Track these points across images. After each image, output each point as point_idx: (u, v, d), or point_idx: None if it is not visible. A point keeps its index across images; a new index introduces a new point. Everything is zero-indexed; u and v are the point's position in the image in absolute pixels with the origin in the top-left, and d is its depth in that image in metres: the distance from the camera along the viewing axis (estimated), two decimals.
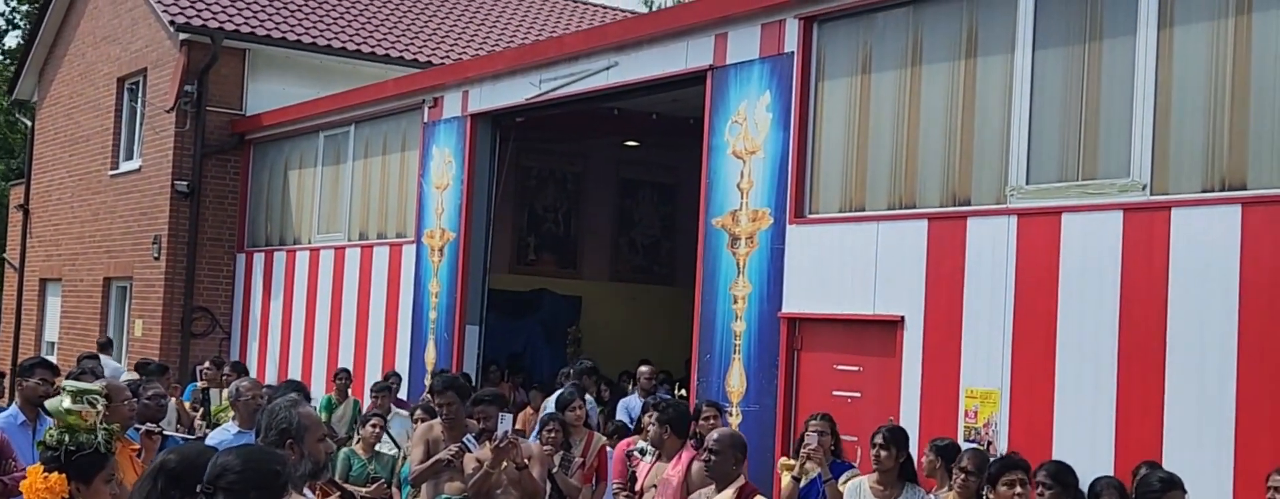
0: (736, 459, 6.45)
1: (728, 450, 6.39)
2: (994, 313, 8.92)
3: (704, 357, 11.17)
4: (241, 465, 3.44)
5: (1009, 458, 6.04)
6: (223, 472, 3.43)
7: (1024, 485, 5.88)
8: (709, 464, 6.38)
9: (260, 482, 3.42)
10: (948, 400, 9.14)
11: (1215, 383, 7.70)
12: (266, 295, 17.98)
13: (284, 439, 4.53)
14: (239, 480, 3.40)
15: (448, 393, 8.14)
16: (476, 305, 14.46)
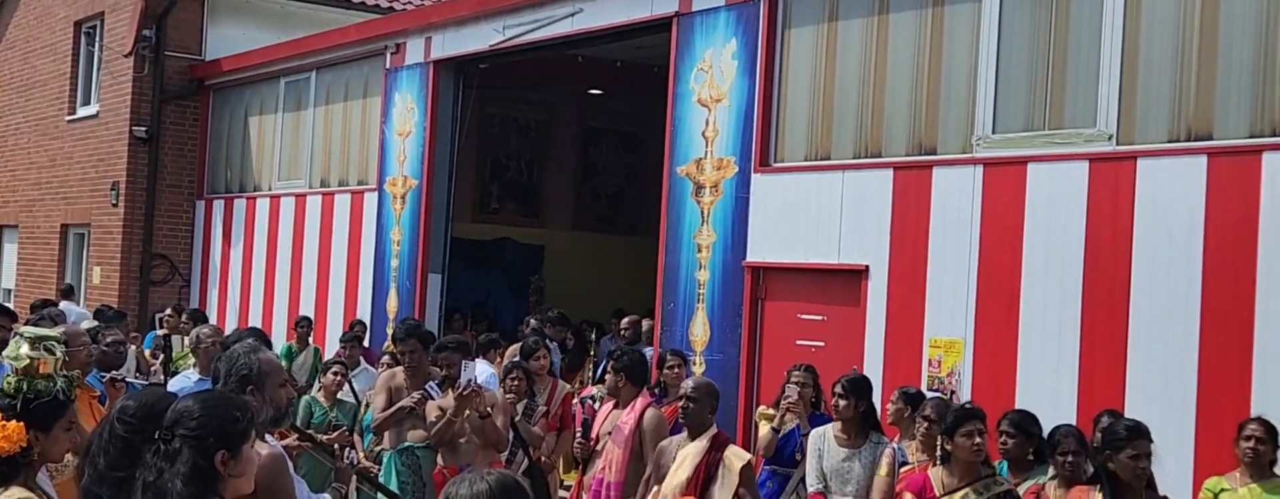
0: (712, 407, 6.44)
1: (705, 398, 6.40)
2: (959, 263, 8.93)
3: (667, 306, 11.14)
4: (201, 411, 3.36)
5: (965, 408, 6.05)
6: (182, 417, 3.35)
7: (982, 436, 5.89)
8: (686, 412, 6.37)
9: (220, 428, 3.35)
10: (911, 350, 9.15)
11: (1179, 332, 7.73)
12: (226, 243, 17.81)
13: (244, 385, 4.46)
14: (199, 426, 3.32)
15: (410, 340, 8.10)
16: (439, 254, 14.37)
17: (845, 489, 7.00)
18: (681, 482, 6.21)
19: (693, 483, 6.20)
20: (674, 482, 6.24)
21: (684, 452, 6.34)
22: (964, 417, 5.88)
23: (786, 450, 7.77)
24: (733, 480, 6.21)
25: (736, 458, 6.29)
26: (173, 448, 3.30)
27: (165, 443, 3.32)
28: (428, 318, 13.75)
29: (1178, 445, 7.33)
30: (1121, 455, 5.49)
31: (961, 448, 5.81)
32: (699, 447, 6.30)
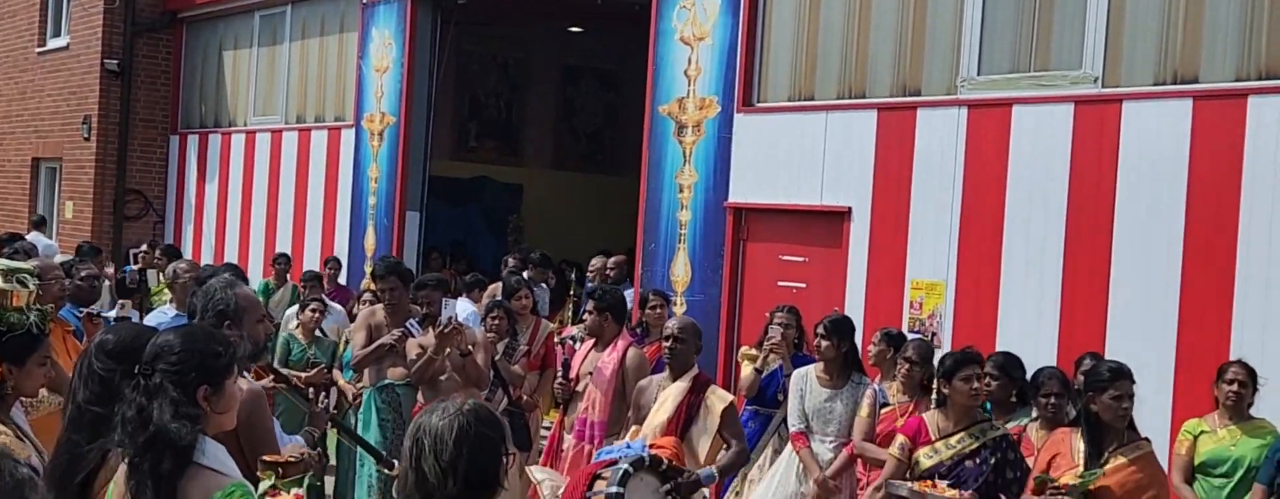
0: (697, 348, 6.40)
1: (691, 339, 6.36)
2: (941, 205, 8.89)
3: (648, 246, 11.09)
4: (182, 345, 3.28)
5: (965, 352, 5.96)
6: (162, 352, 3.28)
7: (980, 379, 5.86)
8: (673, 352, 6.31)
9: (201, 363, 3.28)
10: (893, 292, 9.13)
11: (1161, 276, 7.72)
12: (201, 179, 17.64)
13: (222, 320, 4.38)
14: (179, 361, 3.25)
15: (390, 278, 8.03)
16: (417, 191, 14.26)
17: (827, 430, 6.99)
18: (662, 422, 6.18)
19: (673, 423, 6.17)
20: (654, 422, 6.21)
21: (665, 392, 6.31)
22: (963, 360, 5.83)
23: (769, 391, 7.76)
24: (714, 421, 6.19)
25: (718, 399, 6.26)
26: (154, 383, 3.24)
27: (145, 378, 3.25)
28: (406, 256, 13.66)
29: (1157, 388, 7.34)
30: (1104, 397, 5.49)
31: (960, 392, 5.77)
32: (680, 387, 6.26)
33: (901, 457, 5.80)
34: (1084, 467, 5.47)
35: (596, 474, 5.66)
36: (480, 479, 3.04)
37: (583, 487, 5.62)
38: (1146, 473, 5.53)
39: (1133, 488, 5.47)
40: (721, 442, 6.19)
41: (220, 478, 3.22)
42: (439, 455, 3.01)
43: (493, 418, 3.12)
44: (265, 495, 3.40)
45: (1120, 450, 5.54)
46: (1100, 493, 5.42)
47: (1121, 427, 5.57)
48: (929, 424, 5.85)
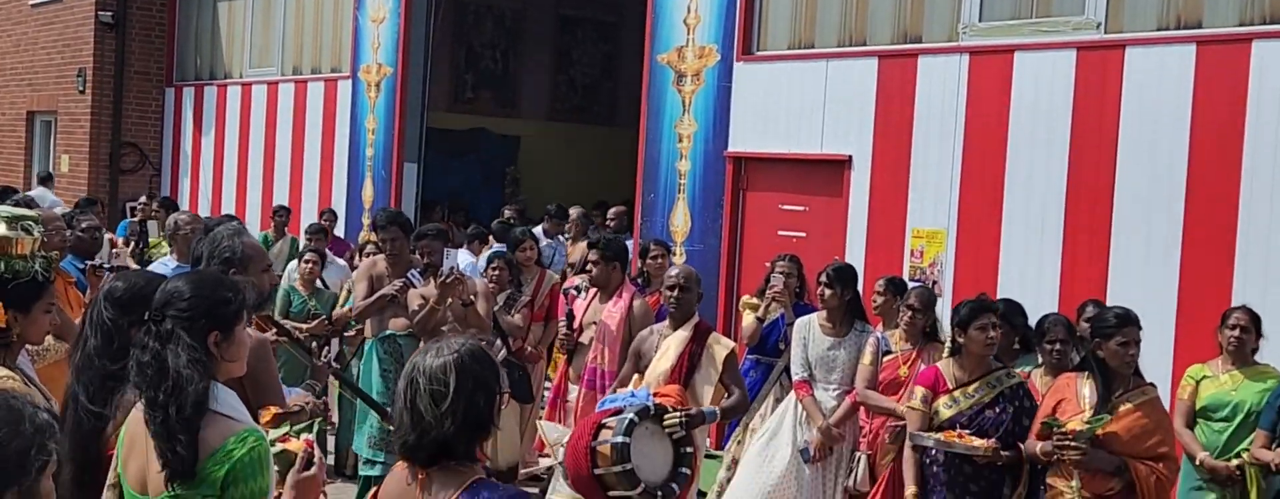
0: (698, 296, 6.39)
1: (694, 287, 6.34)
2: (943, 153, 8.86)
3: (648, 196, 11.06)
4: (192, 292, 3.27)
5: (980, 301, 5.91)
6: (172, 299, 3.26)
7: (996, 328, 5.84)
8: (680, 301, 6.28)
9: (211, 309, 3.27)
10: (894, 240, 9.13)
11: (1163, 222, 7.72)
12: (197, 131, 17.57)
13: (227, 268, 4.38)
14: (189, 308, 3.24)
15: (391, 228, 7.99)
16: (415, 143, 14.22)
17: (830, 378, 6.99)
18: (665, 370, 6.17)
19: (676, 371, 6.16)
20: (657, 370, 6.20)
21: (667, 341, 6.29)
22: (979, 309, 5.79)
23: (770, 340, 7.76)
24: (716, 369, 6.18)
25: (719, 346, 6.24)
26: (165, 329, 3.23)
27: (156, 324, 3.24)
28: (404, 207, 13.66)
29: (1159, 334, 7.35)
30: (1111, 343, 5.49)
31: (975, 341, 5.75)
32: (682, 336, 6.24)
33: (923, 408, 5.77)
34: (1090, 412, 5.47)
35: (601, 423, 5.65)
36: (475, 418, 3.04)
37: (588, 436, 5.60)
38: (1152, 418, 5.54)
39: (1139, 433, 5.47)
40: (723, 389, 6.19)
41: (234, 423, 3.22)
42: (433, 394, 3.02)
43: (487, 358, 3.12)
44: (277, 441, 3.39)
45: (1126, 396, 5.54)
46: (1107, 438, 5.43)
47: (1128, 373, 5.58)
48: (945, 373, 5.84)
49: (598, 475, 5.52)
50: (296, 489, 3.32)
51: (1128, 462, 5.43)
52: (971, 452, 5.55)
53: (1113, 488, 5.46)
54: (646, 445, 5.60)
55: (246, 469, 3.15)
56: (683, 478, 5.68)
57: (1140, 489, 5.40)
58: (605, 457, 5.47)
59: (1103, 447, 5.44)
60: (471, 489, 3.02)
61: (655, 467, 5.62)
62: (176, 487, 3.15)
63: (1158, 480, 5.44)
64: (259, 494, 3.18)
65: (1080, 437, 5.37)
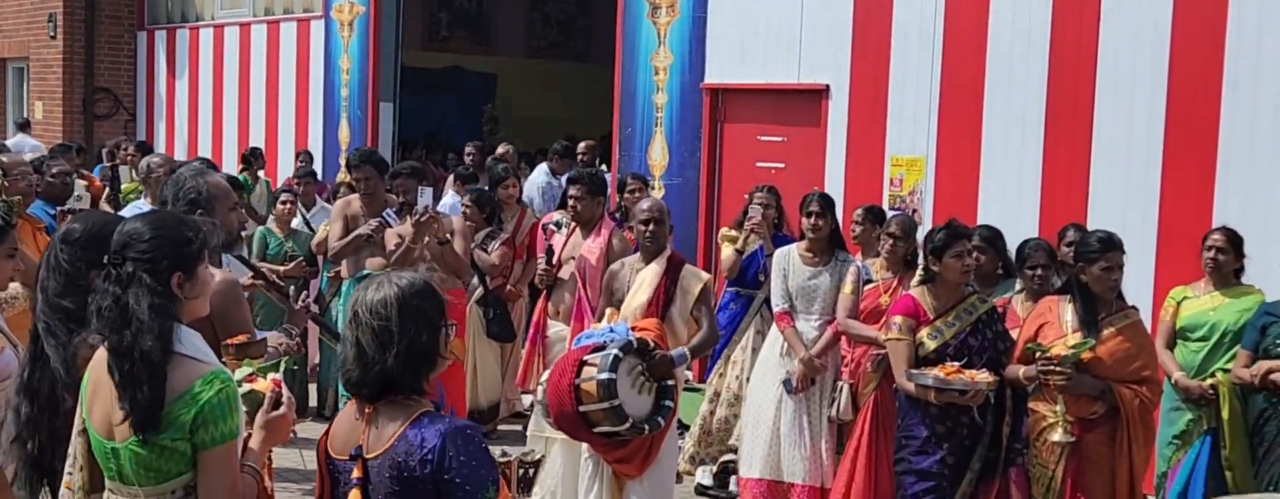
0: (671, 227, 6.34)
1: (666, 220, 6.28)
2: (920, 80, 8.78)
3: (625, 130, 10.97)
4: (152, 233, 3.19)
5: (954, 228, 5.76)
6: (131, 240, 3.19)
7: (971, 255, 5.77)
8: (654, 235, 6.22)
9: (173, 250, 3.19)
10: (873, 169, 9.07)
11: (1142, 146, 7.67)
12: (171, 75, 17.37)
13: (194, 209, 4.30)
14: (149, 249, 3.16)
15: (365, 167, 7.92)
16: (389, 82, 14.07)
17: (811, 308, 6.95)
18: (642, 304, 6.12)
19: (653, 305, 6.11)
20: (634, 304, 6.15)
21: (641, 275, 6.23)
22: (954, 236, 5.67)
23: (749, 272, 7.72)
24: (690, 301, 6.13)
25: (694, 278, 6.18)
26: (125, 272, 3.16)
27: (117, 267, 3.17)
28: (381, 147, 13.54)
29: (1140, 257, 7.32)
30: (1094, 268, 5.46)
31: (951, 268, 5.65)
32: (656, 269, 6.18)
33: (907, 337, 5.63)
34: (1073, 336, 5.45)
35: (583, 360, 5.61)
36: (419, 352, 3.03)
37: (571, 374, 5.58)
38: (1135, 342, 5.52)
39: (1122, 357, 5.46)
40: (695, 322, 6.13)
41: (200, 365, 3.16)
42: (375, 329, 3.01)
43: (429, 291, 3.10)
44: (243, 382, 3.34)
45: (1109, 320, 5.51)
46: (1090, 363, 5.40)
47: (1111, 297, 5.55)
48: (922, 303, 5.71)
49: (582, 413, 5.49)
50: (266, 429, 3.28)
51: (1112, 385, 5.42)
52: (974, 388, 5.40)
53: (1096, 411, 5.47)
54: (628, 381, 5.58)
55: (215, 411, 3.10)
56: (666, 411, 5.67)
57: (1124, 412, 5.41)
58: (590, 394, 5.45)
59: (1087, 371, 5.42)
60: (417, 422, 3.00)
61: (638, 402, 5.60)
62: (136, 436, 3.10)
63: (1141, 403, 5.44)
64: (229, 436, 3.13)
65: (1065, 361, 5.34)
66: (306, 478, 7.72)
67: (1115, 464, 5.47)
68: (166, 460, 3.12)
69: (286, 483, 7.21)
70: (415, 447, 2.95)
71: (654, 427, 5.62)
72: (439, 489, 2.94)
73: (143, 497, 3.15)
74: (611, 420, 5.45)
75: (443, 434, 2.96)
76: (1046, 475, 5.53)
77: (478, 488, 2.94)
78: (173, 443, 3.10)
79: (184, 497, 3.15)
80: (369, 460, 3.00)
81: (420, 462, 2.94)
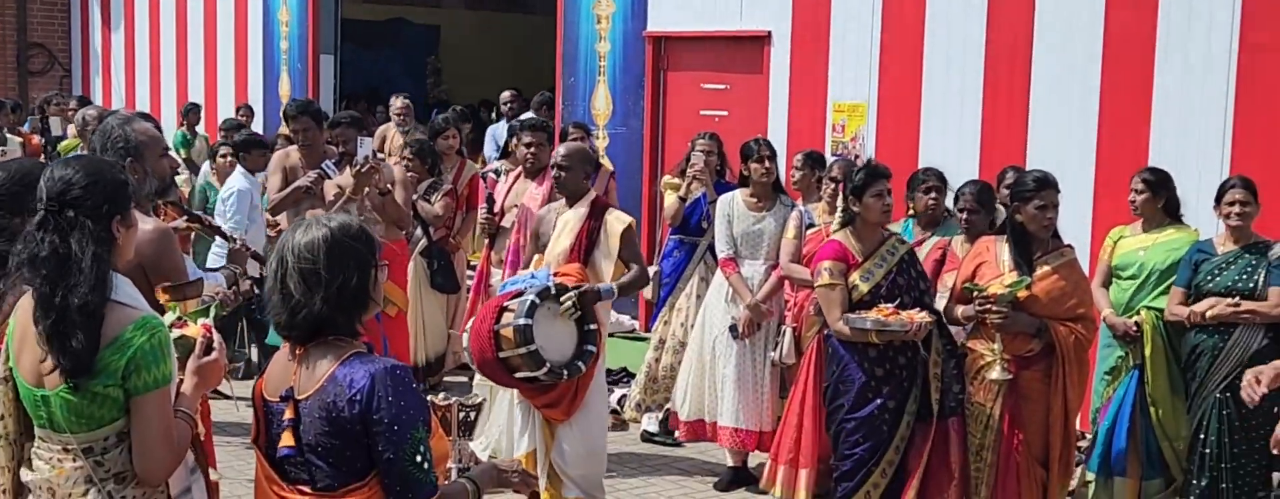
0: (586, 173, 6.27)
1: (577, 165, 6.19)
2: (861, 25, 8.78)
3: (568, 80, 10.91)
4: (87, 178, 3.12)
5: (873, 167, 5.75)
6: (66, 186, 3.10)
7: (890, 194, 5.78)
8: (560, 180, 6.17)
9: (112, 193, 3.14)
10: (815, 116, 9.08)
11: (1080, 88, 7.72)
12: (106, 29, 17.08)
13: (123, 158, 4.23)
14: (87, 194, 3.10)
15: (302, 118, 7.82)
16: (330, 34, 13.92)
17: (756, 253, 6.96)
18: (564, 249, 6.09)
19: (576, 250, 6.09)
20: (556, 249, 6.12)
21: (563, 219, 6.20)
22: (873, 176, 5.67)
23: (693, 219, 7.71)
24: (614, 244, 6.10)
25: (617, 221, 6.14)
26: (66, 218, 3.10)
27: (55, 215, 3.10)
28: (323, 100, 13.39)
29: (1078, 199, 7.39)
30: (1029, 206, 5.50)
31: (871, 209, 5.64)
32: (578, 213, 6.14)
33: (839, 281, 5.61)
34: (1010, 275, 5.49)
35: (503, 306, 5.60)
36: (350, 295, 2.99)
37: (491, 320, 5.57)
38: (1070, 280, 5.58)
39: (1057, 295, 5.53)
40: (624, 266, 6.11)
41: (131, 311, 3.13)
42: (303, 273, 2.97)
43: (360, 232, 3.06)
44: (174, 327, 3.31)
45: (1045, 258, 5.57)
46: (1027, 301, 5.47)
47: (1046, 236, 5.59)
48: (849, 247, 5.69)
49: (503, 358, 5.49)
50: (198, 374, 3.26)
51: (1047, 323, 5.48)
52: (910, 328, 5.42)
53: (1032, 349, 5.53)
54: (549, 326, 5.57)
55: (147, 357, 3.07)
56: (588, 354, 5.66)
57: (1059, 349, 5.48)
58: (508, 340, 5.45)
59: (1023, 309, 5.48)
60: (347, 362, 2.98)
61: (560, 346, 5.60)
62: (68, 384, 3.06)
63: (1076, 340, 5.51)
64: (162, 381, 3.11)
65: (1001, 300, 5.40)
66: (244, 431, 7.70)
67: (1051, 400, 5.54)
68: (98, 407, 3.09)
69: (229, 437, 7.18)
70: (344, 387, 2.93)
71: (574, 371, 5.61)
72: (368, 429, 2.93)
73: (74, 444, 3.13)
74: (530, 365, 5.45)
75: (372, 375, 2.93)
76: (984, 413, 5.60)
77: (406, 428, 2.92)
78: (104, 389, 3.07)
79: (116, 443, 3.13)
80: (300, 401, 2.98)
81: (349, 402, 2.92)
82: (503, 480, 3.26)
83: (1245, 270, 5.87)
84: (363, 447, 2.95)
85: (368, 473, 2.97)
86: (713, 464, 7.33)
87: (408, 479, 2.93)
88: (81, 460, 3.12)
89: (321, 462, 2.98)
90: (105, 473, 3.13)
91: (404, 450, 2.92)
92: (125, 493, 3.14)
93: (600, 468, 6.14)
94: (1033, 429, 5.58)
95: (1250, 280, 5.85)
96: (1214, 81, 7.23)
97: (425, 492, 2.96)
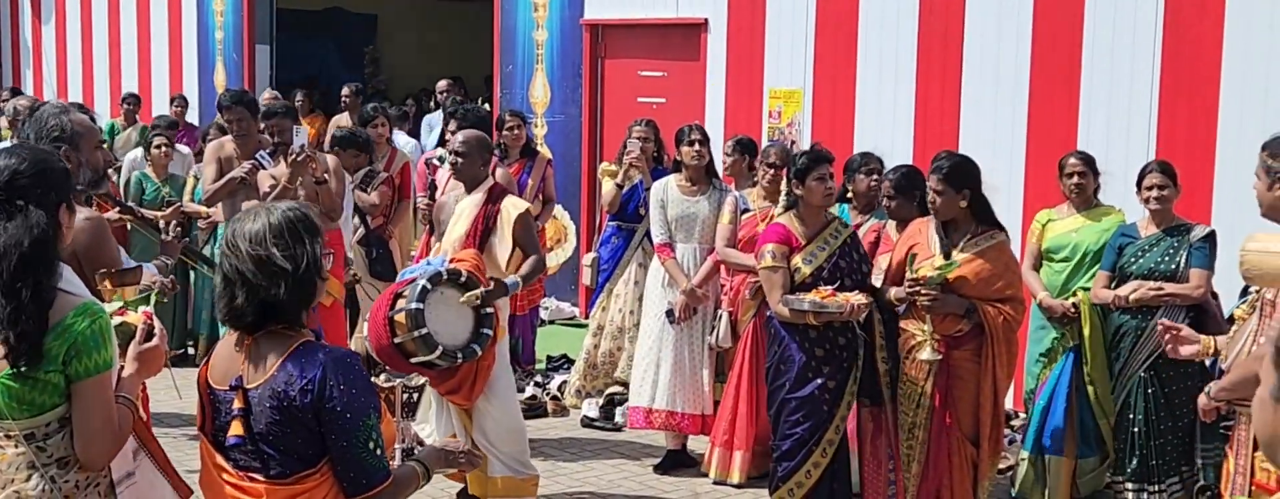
0: (484, 159, 6.29)
1: (475, 152, 6.20)
2: (796, 12, 8.87)
3: (506, 68, 10.94)
4: (31, 166, 3.13)
5: (816, 151, 5.82)
6: (12, 176, 3.12)
7: (832, 178, 5.86)
8: (456, 167, 6.19)
9: (57, 181, 3.16)
10: (752, 102, 9.16)
11: (1011, 73, 7.85)
12: (36, 20, 16.87)
13: (58, 147, 4.22)
14: (33, 182, 3.10)
15: (237, 108, 7.79)
16: (265, 24, 13.84)
17: (691, 238, 7.03)
18: (460, 235, 6.11)
19: (471, 236, 6.12)
20: (453, 236, 6.14)
21: (461, 205, 6.23)
22: (815, 160, 5.75)
23: (630, 206, 7.77)
24: (509, 230, 6.14)
25: (513, 207, 6.16)
26: (15, 206, 3.10)
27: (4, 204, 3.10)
28: (258, 90, 13.31)
29: (1009, 182, 7.52)
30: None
31: (814, 192, 5.73)
32: (475, 200, 6.17)
33: (781, 264, 5.70)
34: (938, 258, 5.59)
35: (398, 293, 5.63)
36: (302, 280, 2.99)
37: (386, 307, 5.60)
38: (999, 263, 5.65)
39: (986, 277, 5.61)
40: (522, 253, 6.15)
41: (72, 298, 3.15)
42: (255, 258, 2.96)
43: (308, 218, 3.07)
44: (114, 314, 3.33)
45: (973, 240, 5.66)
46: (956, 282, 5.56)
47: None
48: (793, 230, 5.78)
49: (397, 344, 5.53)
50: (139, 360, 3.29)
51: (976, 304, 5.58)
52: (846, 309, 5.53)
53: (962, 329, 5.63)
54: (442, 310, 5.59)
55: (88, 342, 3.09)
56: (484, 338, 5.69)
57: (988, 329, 5.58)
58: (401, 325, 5.48)
59: (953, 291, 5.58)
60: (296, 353, 2.99)
61: (454, 330, 5.63)
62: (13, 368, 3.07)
63: (1005, 320, 5.61)
64: (103, 366, 3.13)
65: (930, 283, 5.50)
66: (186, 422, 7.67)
67: (980, 379, 5.65)
68: (40, 393, 3.11)
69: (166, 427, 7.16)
70: (295, 377, 2.95)
71: (469, 355, 5.63)
72: (320, 418, 2.95)
73: (16, 431, 3.14)
74: (423, 350, 5.48)
75: (322, 364, 2.95)
76: (916, 391, 5.71)
77: (359, 416, 2.95)
78: (46, 375, 3.09)
79: (58, 429, 3.15)
80: (249, 390, 3.00)
81: (300, 391, 2.94)
82: (450, 460, 3.30)
83: (1167, 253, 6.01)
84: (315, 435, 2.97)
85: (319, 460, 3.00)
86: (653, 448, 7.40)
87: (361, 466, 2.97)
88: (23, 446, 3.14)
89: (272, 450, 3.00)
90: (47, 458, 3.15)
91: (357, 438, 2.95)
92: (68, 478, 3.16)
93: (524, 444, 6.18)
94: (964, 407, 5.69)
95: (1172, 262, 5.99)
96: (1141, 65, 7.38)
97: (379, 478, 2.99)
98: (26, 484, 3.15)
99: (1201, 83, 7.21)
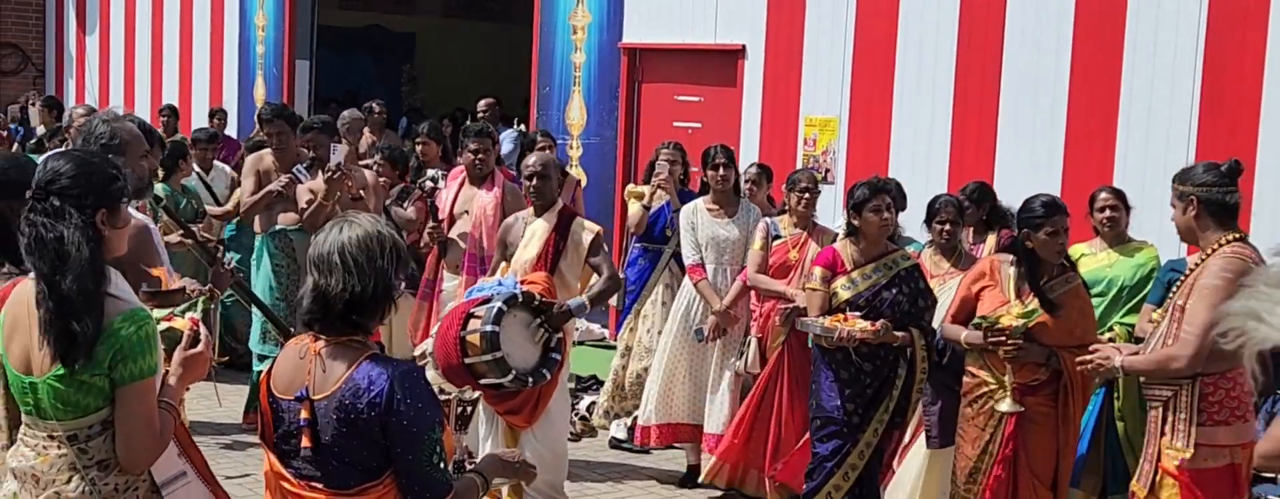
0: (559, 182, 6.37)
1: (553, 173, 6.29)
2: (834, 40, 8.91)
3: (543, 90, 11.00)
4: (75, 170, 3.20)
5: (875, 182, 5.87)
6: (55, 176, 3.18)
7: (891, 210, 5.85)
8: (537, 189, 6.22)
9: (98, 186, 3.21)
10: (787, 129, 9.20)
11: (1048, 105, 7.86)
12: (81, 31, 17.07)
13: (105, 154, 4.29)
14: (73, 185, 3.17)
15: (277, 122, 7.89)
16: (306, 39, 13.96)
17: (722, 259, 7.08)
18: (531, 258, 6.14)
19: (542, 259, 6.15)
20: (523, 258, 6.18)
21: (531, 228, 6.26)
22: (874, 191, 5.79)
23: (656, 227, 7.80)
24: (581, 253, 6.18)
25: (586, 231, 6.21)
26: (51, 206, 3.17)
27: (41, 201, 3.18)
28: (297, 105, 13.44)
29: None
30: (1040, 233, 5.44)
31: (870, 222, 5.78)
32: (546, 224, 6.22)
33: (823, 288, 5.79)
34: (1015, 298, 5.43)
35: (470, 313, 5.65)
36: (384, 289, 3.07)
37: (457, 326, 5.61)
38: (1077, 307, 5.47)
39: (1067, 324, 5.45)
40: (592, 274, 6.20)
41: (121, 303, 3.20)
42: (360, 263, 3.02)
43: (394, 236, 3.15)
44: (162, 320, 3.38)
45: (1051, 284, 5.49)
46: (1036, 329, 5.35)
47: (1057, 261, 5.55)
48: (843, 255, 5.86)
49: (468, 364, 5.54)
50: (184, 366, 3.33)
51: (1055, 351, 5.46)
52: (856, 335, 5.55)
53: (1039, 377, 5.44)
54: (515, 333, 5.62)
55: (134, 348, 3.14)
56: (553, 363, 5.71)
57: (1068, 376, 5.39)
58: (475, 346, 5.49)
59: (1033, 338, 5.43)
60: (364, 364, 3.04)
61: (525, 354, 5.64)
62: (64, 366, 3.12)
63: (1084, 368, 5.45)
64: (148, 372, 3.17)
65: (1015, 332, 5.32)
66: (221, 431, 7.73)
67: (1059, 426, 5.47)
68: (85, 395, 3.16)
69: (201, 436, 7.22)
70: (362, 389, 3.00)
71: (539, 379, 5.64)
72: (386, 430, 3.00)
73: (60, 431, 3.19)
74: (495, 372, 5.49)
75: (390, 377, 3.00)
76: (982, 438, 5.53)
77: (424, 429, 3.00)
78: (91, 378, 3.14)
79: (100, 431, 3.20)
80: (316, 402, 3.04)
81: (368, 404, 2.98)
82: (509, 470, 3.35)
83: None
84: (379, 447, 3.02)
85: (382, 472, 3.05)
86: (680, 471, 7.41)
87: (425, 479, 3.02)
88: (66, 448, 3.19)
89: (336, 461, 3.05)
90: (89, 460, 3.20)
91: (422, 451, 3.00)
92: (108, 480, 3.21)
93: (563, 473, 6.21)
94: (1042, 453, 5.49)
95: None
96: (1180, 93, 7.39)
97: (442, 490, 3.04)
98: (67, 486, 3.20)
99: (1241, 113, 7.21)
